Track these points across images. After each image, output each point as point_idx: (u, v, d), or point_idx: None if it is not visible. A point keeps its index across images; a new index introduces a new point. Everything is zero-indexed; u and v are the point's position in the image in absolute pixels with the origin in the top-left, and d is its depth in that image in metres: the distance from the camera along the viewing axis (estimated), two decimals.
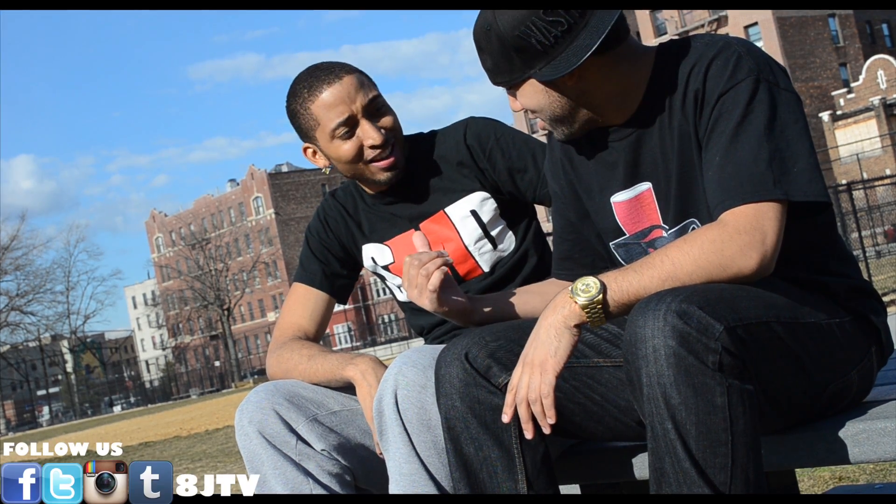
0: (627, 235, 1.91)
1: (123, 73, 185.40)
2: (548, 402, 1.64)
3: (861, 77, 51.22)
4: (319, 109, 2.21)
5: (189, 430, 16.09)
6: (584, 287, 1.63)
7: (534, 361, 1.66)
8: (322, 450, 2.10)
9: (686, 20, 57.78)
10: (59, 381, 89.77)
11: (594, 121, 1.85)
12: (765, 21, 54.35)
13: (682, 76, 1.77)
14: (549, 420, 1.64)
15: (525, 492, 1.76)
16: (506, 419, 1.70)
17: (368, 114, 2.21)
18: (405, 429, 1.92)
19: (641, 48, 1.84)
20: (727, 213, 1.66)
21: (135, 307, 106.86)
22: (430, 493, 1.91)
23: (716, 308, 1.54)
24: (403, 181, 2.29)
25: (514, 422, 1.71)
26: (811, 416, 1.76)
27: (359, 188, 2.39)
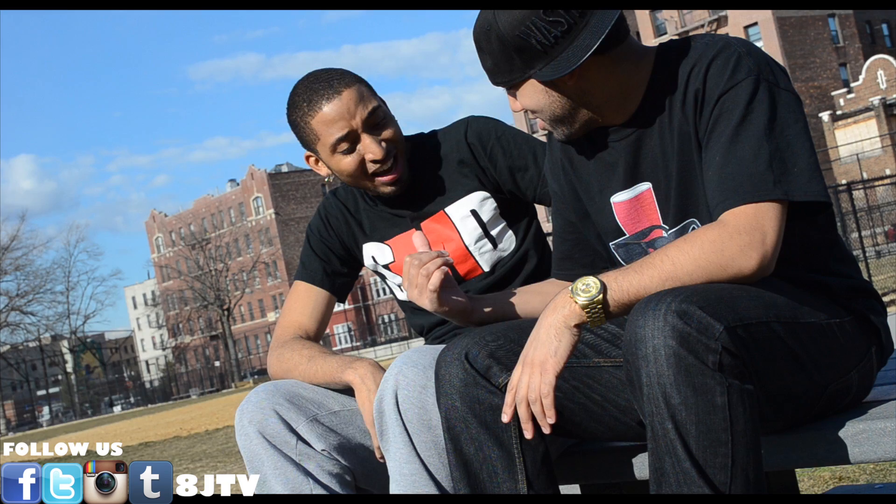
0: (627, 235, 1.91)
1: (124, 73, 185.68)
2: (548, 402, 1.64)
3: (861, 77, 51.19)
4: (319, 125, 2.20)
5: (189, 430, 16.09)
6: (585, 287, 1.63)
7: (534, 361, 1.66)
8: (322, 450, 2.10)
9: (686, 20, 57.76)
10: (59, 382, 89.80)
11: (594, 121, 1.84)
12: (765, 21, 54.33)
13: (683, 76, 1.77)
14: (549, 420, 1.64)
15: (525, 492, 1.76)
16: (506, 419, 1.69)
17: (369, 127, 2.20)
18: (406, 429, 1.92)
19: (641, 48, 1.84)
20: (727, 213, 1.66)
21: (135, 307, 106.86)
22: (431, 493, 1.91)
23: (716, 308, 1.54)
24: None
25: (514, 422, 1.71)
26: (811, 416, 1.76)
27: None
